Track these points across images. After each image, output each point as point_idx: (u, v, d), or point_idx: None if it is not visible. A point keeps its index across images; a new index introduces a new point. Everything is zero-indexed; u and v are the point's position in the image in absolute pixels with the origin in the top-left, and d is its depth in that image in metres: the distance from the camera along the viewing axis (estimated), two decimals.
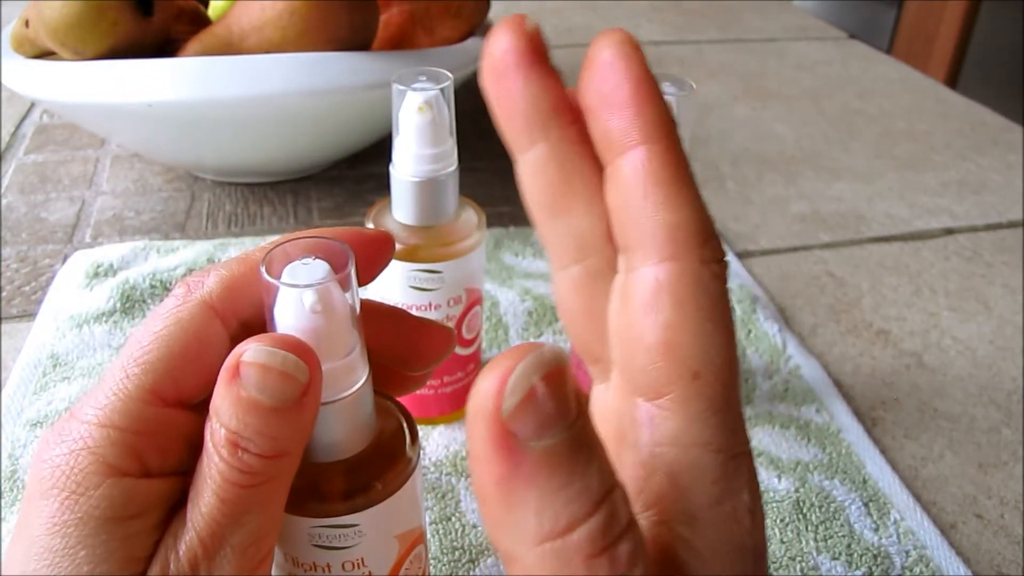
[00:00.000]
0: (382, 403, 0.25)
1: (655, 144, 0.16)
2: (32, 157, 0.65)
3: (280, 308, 0.20)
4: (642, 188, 0.16)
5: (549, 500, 0.13)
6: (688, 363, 0.15)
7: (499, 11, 1.02)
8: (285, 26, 0.50)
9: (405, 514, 0.24)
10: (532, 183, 0.17)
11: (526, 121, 0.16)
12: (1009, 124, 0.79)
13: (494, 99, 0.17)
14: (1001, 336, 0.50)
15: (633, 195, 0.16)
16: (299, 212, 0.59)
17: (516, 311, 0.47)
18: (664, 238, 0.15)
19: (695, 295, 0.15)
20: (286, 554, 0.23)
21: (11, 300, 0.49)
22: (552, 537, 0.13)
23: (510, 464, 0.13)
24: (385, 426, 0.24)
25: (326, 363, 0.21)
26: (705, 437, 0.15)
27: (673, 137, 0.16)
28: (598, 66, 0.16)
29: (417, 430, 0.25)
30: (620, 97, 0.16)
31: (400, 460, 0.24)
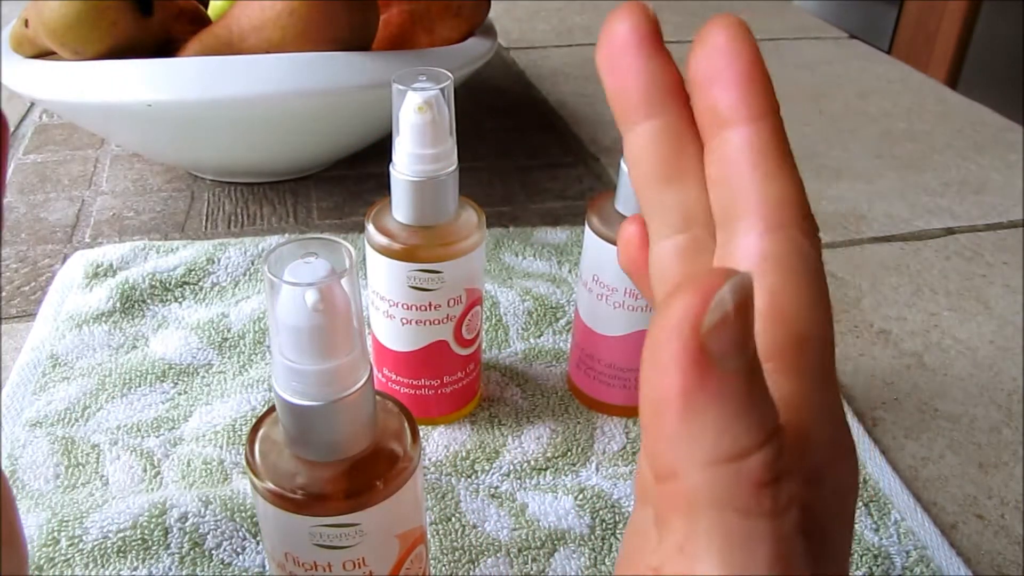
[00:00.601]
0: (383, 403, 0.25)
1: (763, 121, 0.16)
2: (31, 157, 0.65)
3: (282, 306, 0.20)
4: (749, 161, 0.16)
5: (729, 422, 0.13)
6: (795, 328, 0.16)
7: (499, 11, 1.02)
8: (285, 26, 0.50)
9: (406, 514, 0.24)
10: (644, 153, 0.18)
11: (644, 96, 0.17)
12: (1009, 124, 0.79)
13: (610, 74, 0.17)
14: (1002, 336, 0.50)
15: (739, 168, 0.16)
16: (299, 212, 0.59)
17: (516, 311, 0.47)
18: (770, 209, 0.16)
19: (799, 264, 0.16)
20: (287, 553, 0.23)
21: (11, 300, 0.49)
22: (727, 460, 0.13)
23: (698, 378, 0.13)
24: (386, 426, 0.24)
25: (328, 362, 0.21)
26: (816, 400, 0.16)
27: (778, 117, 0.17)
28: (711, 46, 0.17)
29: (418, 430, 0.25)
30: (731, 74, 0.16)
31: (401, 460, 0.24)
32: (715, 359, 0.13)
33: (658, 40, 0.17)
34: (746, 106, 0.16)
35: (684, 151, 0.17)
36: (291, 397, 0.22)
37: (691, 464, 0.13)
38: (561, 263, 0.52)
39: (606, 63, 0.18)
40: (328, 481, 0.23)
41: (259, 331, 0.45)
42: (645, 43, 0.17)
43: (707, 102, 0.17)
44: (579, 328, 0.40)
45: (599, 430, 0.40)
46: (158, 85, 0.48)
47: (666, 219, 0.18)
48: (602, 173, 0.66)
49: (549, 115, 0.77)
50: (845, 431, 0.16)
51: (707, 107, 0.17)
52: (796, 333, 0.16)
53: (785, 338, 0.16)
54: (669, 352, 0.13)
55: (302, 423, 0.22)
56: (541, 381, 0.43)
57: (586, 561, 0.34)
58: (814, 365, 0.16)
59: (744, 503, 0.13)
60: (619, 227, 0.21)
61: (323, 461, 0.23)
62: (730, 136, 0.17)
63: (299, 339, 0.21)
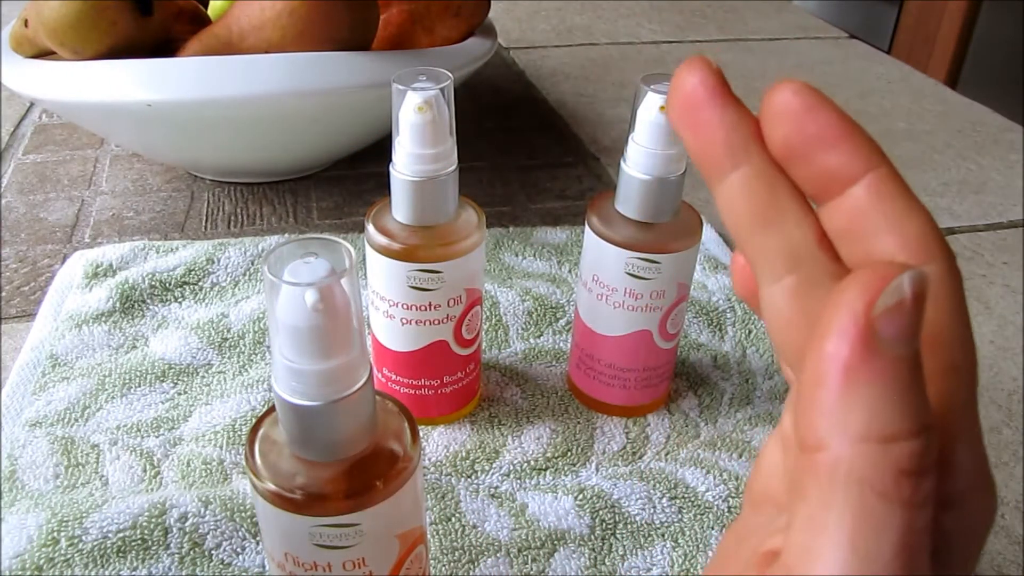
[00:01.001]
0: (383, 403, 0.25)
1: (881, 168, 0.17)
2: (31, 157, 0.65)
3: (282, 306, 0.20)
4: (881, 208, 0.17)
5: (886, 404, 0.14)
6: (946, 356, 0.16)
7: (499, 11, 1.02)
8: (285, 26, 0.50)
9: (406, 514, 0.24)
10: (739, 202, 0.18)
11: (727, 146, 0.17)
12: (1009, 124, 0.79)
13: (689, 130, 0.18)
14: (1002, 336, 0.50)
15: (873, 215, 0.17)
16: (299, 212, 0.59)
17: (516, 311, 0.47)
18: (913, 245, 0.16)
19: (948, 294, 0.16)
20: (286, 553, 0.23)
21: (10, 300, 0.49)
22: (877, 440, 0.14)
23: (864, 355, 0.14)
24: (386, 425, 0.24)
25: (327, 362, 0.21)
26: (963, 427, 0.16)
27: (889, 160, 0.17)
28: (793, 113, 0.17)
29: (418, 429, 0.25)
30: (832, 135, 0.17)
31: (401, 460, 0.24)
32: (883, 341, 0.14)
33: (728, 90, 0.18)
34: (861, 160, 0.17)
35: (777, 193, 0.18)
36: (291, 397, 0.22)
37: (842, 437, 0.14)
38: (561, 263, 0.52)
39: (684, 120, 0.18)
40: (328, 481, 0.23)
41: (259, 331, 0.45)
42: (718, 94, 0.17)
43: (816, 167, 0.17)
44: (579, 328, 0.40)
45: (599, 430, 0.40)
46: (158, 85, 0.48)
47: (772, 263, 0.18)
48: (602, 173, 0.66)
49: (549, 115, 0.77)
50: (987, 465, 0.17)
51: (818, 171, 0.17)
52: (947, 361, 0.16)
53: (936, 365, 0.16)
54: (840, 325, 0.14)
55: (302, 423, 0.22)
56: (541, 381, 0.43)
57: (586, 561, 0.34)
58: (963, 394, 0.16)
59: (885, 486, 0.14)
60: (732, 259, 0.21)
61: (323, 461, 0.23)
62: (855, 191, 0.17)
63: (299, 339, 0.21)
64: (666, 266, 0.36)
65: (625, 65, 0.89)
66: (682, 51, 0.94)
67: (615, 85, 0.84)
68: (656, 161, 0.34)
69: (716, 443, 0.40)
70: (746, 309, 0.48)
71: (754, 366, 0.45)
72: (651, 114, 0.34)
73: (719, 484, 0.37)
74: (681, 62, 0.18)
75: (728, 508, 0.36)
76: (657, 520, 0.35)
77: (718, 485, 0.37)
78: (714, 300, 0.49)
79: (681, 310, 0.39)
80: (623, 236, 0.36)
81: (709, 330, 0.47)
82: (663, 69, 0.88)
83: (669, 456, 0.39)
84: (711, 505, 0.36)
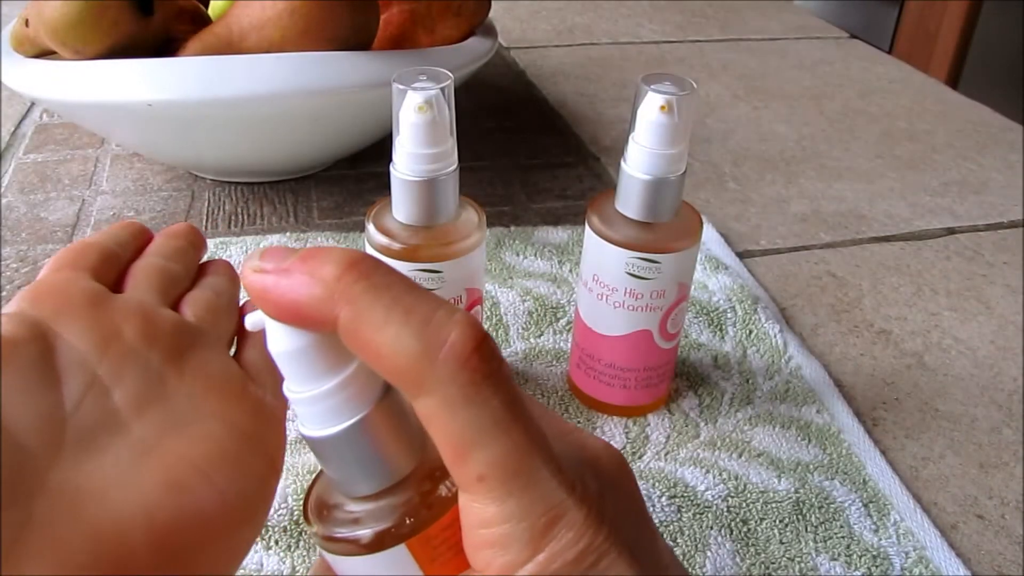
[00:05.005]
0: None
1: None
2: (32, 156, 0.65)
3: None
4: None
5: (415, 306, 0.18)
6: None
7: (499, 11, 1.02)
8: (285, 25, 0.50)
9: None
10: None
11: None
12: (1010, 124, 0.79)
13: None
14: (1002, 336, 0.50)
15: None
16: (299, 212, 0.59)
17: (516, 311, 0.47)
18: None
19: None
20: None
21: (10, 300, 0.49)
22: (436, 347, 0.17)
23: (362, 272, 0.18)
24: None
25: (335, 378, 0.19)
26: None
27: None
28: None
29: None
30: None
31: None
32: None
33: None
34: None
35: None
36: (318, 430, 0.19)
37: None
38: (562, 263, 0.52)
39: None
40: (395, 507, 0.20)
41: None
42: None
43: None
44: (579, 328, 0.40)
45: (599, 430, 0.40)
46: (158, 85, 0.48)
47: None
48: (602, 173, 0.66)
49: (549, 115, 0.77)
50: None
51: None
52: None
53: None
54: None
55: (340, 452, 0.19)
56: (541, 381, 0.43)
57: None
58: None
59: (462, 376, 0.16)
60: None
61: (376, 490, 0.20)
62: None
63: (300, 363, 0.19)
64: (666, 266, 0.36)
65: (625, 65, 0.89)
66: (682, 51, 0.94)
67: (615, 85, 0.84)
68: (656, 161, 0.34)
69: (716, 443, 0.40)
70: (746, 309, 0.48)
71: (754, 366, 0.45)
72: (651, 114, 0.34)
73: (718, 484, 0.37)
74: (681, 62, 0.17)
75: (727, 508, 0.36)
76: (657, 519, 0.35)
77: (717, 485, 0.37)
78: (714, 300, 0.49)
79: (681, 310, 0.39)
80: (623, 236, 0.36)
81: (709, 330, 0.47)
82: (663, 69, 0.88)
83: (669, 456, 0.39)
84: (710, 504, 0.36)
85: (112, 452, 0.19)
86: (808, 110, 0.81)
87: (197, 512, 0.19)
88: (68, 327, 0.21)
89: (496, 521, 0.17)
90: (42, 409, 0.19)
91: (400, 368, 0.17)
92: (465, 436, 0.17)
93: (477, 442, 0.17)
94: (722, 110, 0.79)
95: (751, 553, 0.34)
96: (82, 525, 0.17)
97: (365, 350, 0.17)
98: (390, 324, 0.17)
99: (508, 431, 0.17)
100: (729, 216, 0.61)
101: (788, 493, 0.37)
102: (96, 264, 0.24)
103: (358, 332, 0.17)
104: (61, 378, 0.20)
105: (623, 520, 0.18)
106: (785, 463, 0.39)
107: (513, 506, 0.17)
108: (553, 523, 0.17)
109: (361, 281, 0.17)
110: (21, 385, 0.19)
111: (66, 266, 0.24)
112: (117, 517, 0.17)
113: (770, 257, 0.57)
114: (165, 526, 0.18)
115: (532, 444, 0.17)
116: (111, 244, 0.25)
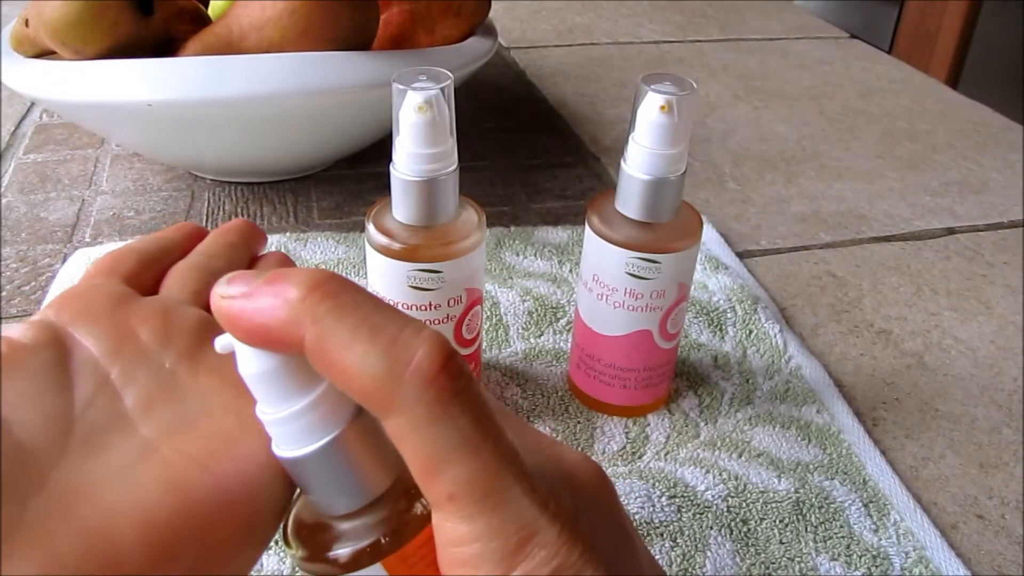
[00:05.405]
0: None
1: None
2: (32, 156, 0.65)
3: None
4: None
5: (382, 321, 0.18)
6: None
7: (499, 11, 1.02)
8: (285, 25, 0.50)
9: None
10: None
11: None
12: (1010, 124, 0.79)
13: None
14: (1002, 336, 0.50)
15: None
16: (299, 212, 0.59)
17: (516, 311, 0.47)
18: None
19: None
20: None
21: (11, 300, 0.49)
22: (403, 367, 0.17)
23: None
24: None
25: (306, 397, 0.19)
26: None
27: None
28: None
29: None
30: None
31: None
32: None
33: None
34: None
35: None
36: (291, 451, 0.19)
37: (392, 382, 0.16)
38: (562, 263, 0.52)
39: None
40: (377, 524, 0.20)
41: None
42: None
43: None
44: (579, 328, 0.40)
45: (599, 430, 0.40)
46: (158, 85, 0.48)
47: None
48: (602, 173, 0.66)
49: (549, 115, 0.77)
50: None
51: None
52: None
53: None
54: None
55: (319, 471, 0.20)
56: (541, 381, 0.43)
57: None
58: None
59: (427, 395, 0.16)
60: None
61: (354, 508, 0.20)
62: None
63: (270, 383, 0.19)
64: (666, 266, 0.36)
65: (625, 65, 0.89)
66: (682, 51, 0.94)
67: (615, 85, 0.84)
68: (656, 161, 0.34)
69: (716, 443, 0.40)
70: (746, 309, 0.48)
71: (754, 366, 0.45)
72: (651, 114, 0.34)
73: (718, 484, 0.37)
74: (681, 62, 0.17)
75: (727, 508, 0.36)
76: (656, 519, 0.35)
77: (717, 484, 0.37)
78: (714, 300, 0.49)
79: (681, 310, 0.39)
80: (623, 236, 0.36)
81: (709, 330, 0.47)
82: (663, 69, 0.88)
83: (669, 456, 0.39)
84: (710, 504, 0.36)
85: (116, 453, 0.19)
86: (808, 110, 0.81)
87: (195, 509, 0.18)
88: (86, 331, 0.21)
89: (467, 540, 0.17)
90: (50, 411, 0.19)
91: (366, 388, 0.17)
92: (433, 455, 0.17)
93: (446, 461, 0.17)
94: (722, 110, 0.79)
95: (751, 553, 0.34)
96: (73, 524, 0.17)
97: (332, 370, 0.17)
98: (356, 343, 0.17)
99: (477, 450, 0.17)
100: (729, 216, 0.61)
101: (788, 493, 0.37)
102: (133, 269, 0.25)
103: (323, 352, 0.17)
104: (74, 381, 0.20)
105: (600, 536, 0.18)
106: (785, 463, 0.39)
107: (484, 525, 0.17)
108: (525, 542, 0.17)
109: (326, 301, 0.17)
110: (31, 388, 0.19)
111: (100, 272, 0.24)
112: (109, 516, 0.17)
113: (770, 257, 0.57)
114: (161, 525, 0.18)
115: (502, 462, 0.17)
116: (153, 248, 0.26)
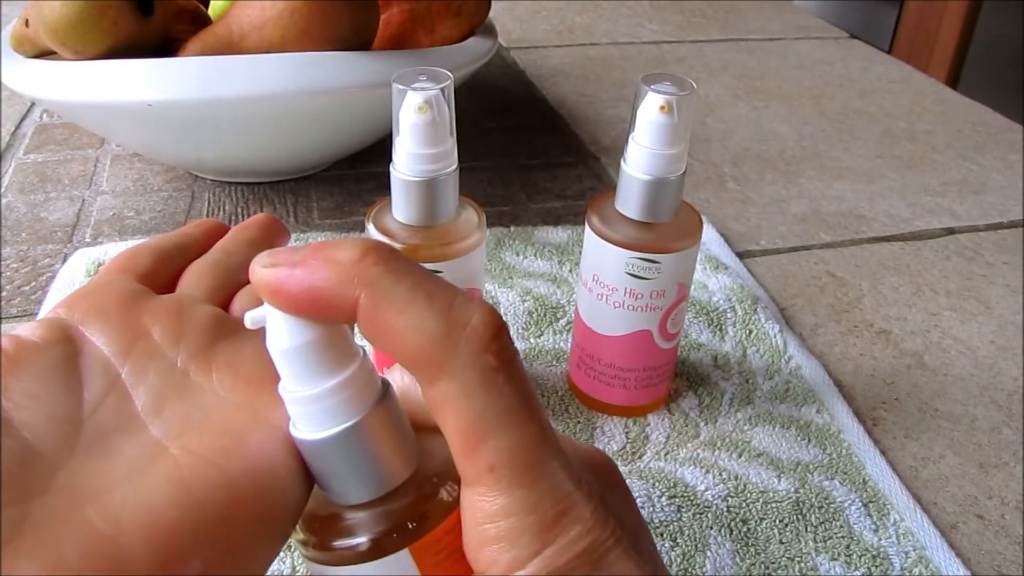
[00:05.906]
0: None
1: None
2: (32, 157, 0.65)
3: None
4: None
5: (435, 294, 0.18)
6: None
7: (499, 11, 1.02)
8: (285, 25, 0.50)
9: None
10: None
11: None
12: (1010, 124, 0.79)
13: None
14: (1002, 336, 0.50)
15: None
16: (299, 212, 0.59)
17: (517, 311, 0.47)
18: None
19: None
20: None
21: (11, 300, 0.49)
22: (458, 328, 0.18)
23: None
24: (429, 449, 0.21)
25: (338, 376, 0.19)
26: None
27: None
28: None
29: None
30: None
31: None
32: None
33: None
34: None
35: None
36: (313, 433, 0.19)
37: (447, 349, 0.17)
38: (562, 263, 0.52)
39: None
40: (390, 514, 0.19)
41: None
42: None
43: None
44: (579, 328, 0.40)
45: (599, 430, 0.40)
46: (159, 85, 0.48)
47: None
48: (602, 173, 0.66)
49: (549, 115, 0.77)
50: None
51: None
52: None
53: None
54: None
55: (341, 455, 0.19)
56: (541, 381, 0.43)
57: None
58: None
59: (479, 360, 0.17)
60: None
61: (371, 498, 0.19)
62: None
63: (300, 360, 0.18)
64: (666, 266, 0.36)
65: (625, 65, 0.89)
66: (682, 51, 0.94)
67: (615, 85, 0.84)
68: (656, 161, 0.34)
69: (716, 443, 0.40)
70: (746, 309, 0.48)
71: (754, 366, 0.45)
72: (651, 114, 0.34)
73: (718, 483, 0.37)
74: (681, 62, 0.17)
75: (727, 508, 0.36)
76: (656, 519, 0.35)
77: (717, 484, 0.37)
78: (714, 300, 0.49)
79: (681, 310, 0.39)
80: (623, 236, 0.36)
81: (709, 330, 0.47)
82: (663, 69, 0.88)
83: (669, 456, 0.39)
84: (710, 504, 0.36)
85: (124, 453, 0.19)
86: (808, 110, 0.81)
87: (205, 508, 0.18)
88: (97, 330, 0.21)
89: (503, 514, 0.17)
90: (58, 411, 0.19)
91: (420, 350, 0.17)
92: (479, 423, 0.17)
93: (491, 430, 0.17)
94: (722, 110, 0.79)
95: (751, 553, 0.34)
96: (76, 525, 0.17)
97: (384, 333, 0.17)
98: (414, 306, 0.17)
99: (522, 421, 0.17)
100: (729, 216, 0.61)
101: (788, 493, 0.37)
102: (148, 266, 0.24)
103: (378, 314, 0.17)
104: (83, 381, 0.20)
105: (624, 517, 0.18)
106: (785, 463, 0.39)
107: (521, 498, 0.17)
108: (562, 516, 0.17)
109: (380, 264, 0.17)
110: (38, 387, 0.19)
111: (114, 270, 0.24)
112: (114, 516, 0.17)
113: (770, 257, 0.57)
114: (169, 524, 0.18)
115: (544, 436, 0.17)
116: (169, 245, 0.25)
